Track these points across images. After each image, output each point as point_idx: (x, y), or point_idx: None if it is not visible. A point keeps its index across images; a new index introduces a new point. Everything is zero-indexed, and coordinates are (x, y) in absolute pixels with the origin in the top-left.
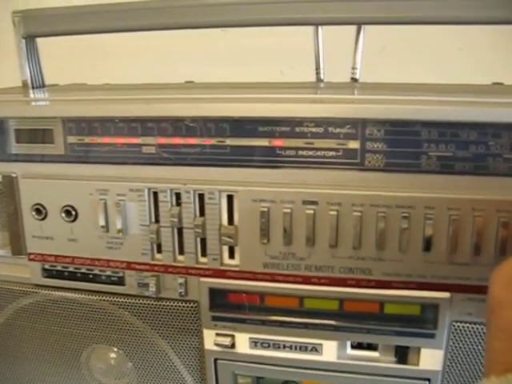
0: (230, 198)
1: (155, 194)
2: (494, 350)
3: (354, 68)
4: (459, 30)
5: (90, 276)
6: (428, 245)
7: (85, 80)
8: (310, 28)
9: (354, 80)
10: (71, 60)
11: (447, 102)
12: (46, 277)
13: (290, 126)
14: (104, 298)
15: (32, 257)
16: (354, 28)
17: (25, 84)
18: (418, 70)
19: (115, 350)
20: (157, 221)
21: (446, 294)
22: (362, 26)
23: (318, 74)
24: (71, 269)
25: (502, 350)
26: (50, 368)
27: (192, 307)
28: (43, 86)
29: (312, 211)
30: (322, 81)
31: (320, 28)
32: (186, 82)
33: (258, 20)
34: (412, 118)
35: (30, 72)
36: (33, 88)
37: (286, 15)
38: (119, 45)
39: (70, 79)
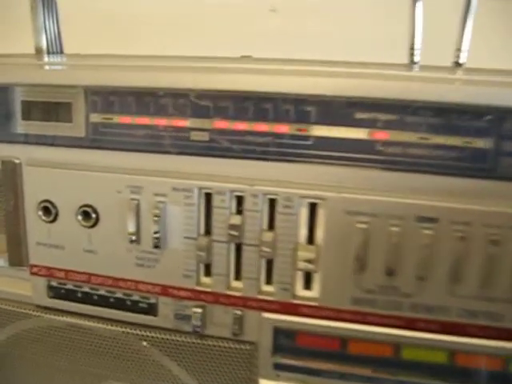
0: (312, 208)
1: (208, 197)
2: None
3: (458, 50)
4: None
5: (112, 300)
6: None
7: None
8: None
9: (458, 64)
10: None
11: None
12: (52, 297)
13: (398, 112)
14: (128, 329)
15: (35, 270)
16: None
17: (39, 50)
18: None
19: None
20: (208, 233)
21: None
22: (473, 1)
23: (412, 55)
24: (86, 289)
25: None
26: None
27: (247, 350)
28: (61, 52)
29: (430, 231)
30: (416, 63)
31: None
32: (242, 56)
33: None
34: None
35: (47, 35)
36: (48, 54)
37: None
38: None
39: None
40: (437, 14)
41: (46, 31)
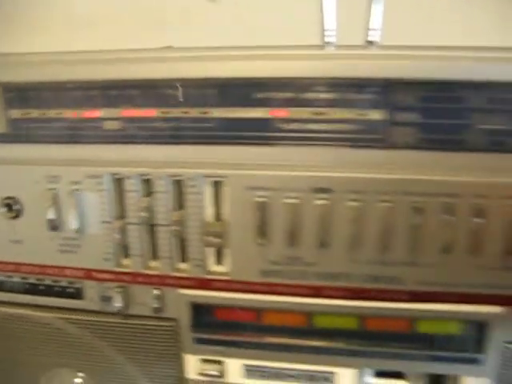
0: (217, 186)
1: (119, 182)
2: None
3: (368, 29)
4: None
5: (41, 287)
6: (477, 245)
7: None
8: None
9: (370, 43)
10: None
11: (501, 58)
12: None
13: (294, 90)
14: (59, 314)
15: None
16: None
17: None
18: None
19: (80, 374)
20: (122, 216)
21: (498, 309)
22: None
23: (324, 36)
24: (16, 279)
25: None
26: None
27: (169, 327)
28: None
29: (325, 202)
30: (331, 44)
31: None
32: (164, 47)
33: None
34: (453, 78)
35: None
36: None
37: None
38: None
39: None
40: None
41: None
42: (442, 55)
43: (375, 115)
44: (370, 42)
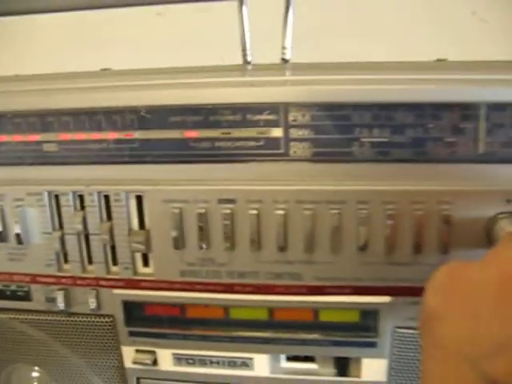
0: (139, 200)
1: (57, 198)
2: (429, 370)
3: (283, 48)
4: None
5: None
6: (363, 244)
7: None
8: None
9: (285, 61)
10: None
11: (381, 80)
12: None
13: (203, 114)
14: (11, 315)
15: None
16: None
17: None
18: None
19: (37, 369)
20: (61, 227)
21: (386, 298)
22: (291, 1)
23: (244, 55)
24: None
25: (437, 370)
26: None
27: (107, 322)
28: None
29: (229, 211)
30: (249, 63)
31: (245, 4)
32: (102, 69)
33: None
34: (340, 100)
35: None
36: None
37: None
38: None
39: None
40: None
41: None
42: (332, 79)
43: (275, 133)
44: (285, 60)
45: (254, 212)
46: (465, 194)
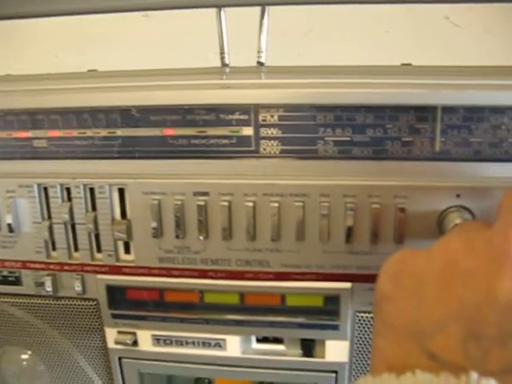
0: (121, 192)
1: (45, 190)
2: (378, 346)
3: (259, 51)
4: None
5: None
6: (325, 234)
7: None
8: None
9: (260, 64)
10: None
11: (343, 84)
12: None
13: (180, 113)
14: (3, 299)
15: None
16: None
17: None
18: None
19: (26, 351)
20: (49, 217)
21: (347, 285)
22: (266, 8)
23: (222, 58)
24: None
25: (385, 346)
26: None
27: (91, 305)
28: None
29: (203, 202)
30: (227, 65)
31: (223, 10)
32: (89, 70)
33: (158, 4)
34: (305, 102)
35: None
36: None
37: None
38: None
39: None
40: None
41: None
42: (298, 83)
43: (246, 132)
44: (260, 63)
45: (226, 204)
46: (419, 189)
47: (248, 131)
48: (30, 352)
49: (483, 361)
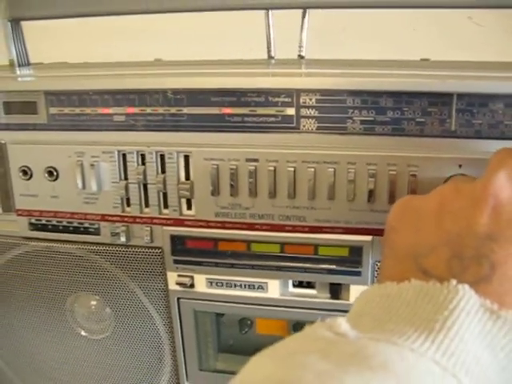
0: (186, 158)
1: (124, 156)
2: (384, 265)
3: (300, 46)
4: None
5: (70, 228)
6: (351, 195)
7: (68, 58)
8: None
9: (301, 57)
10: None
11: (368, 74)
12: (32, 230)
13: (236, 96)
14: (83, 246)
15: (20, 212)
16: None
17: (11, 62)
18: (375, 49)
19: (95, 297)
20: (126, 178)
21: (369, 238)
22: (307, 10)
23: (269, 52)
24: (54, 222)
25: (389, 265)
26: (39, 313)
27: (157, 252)
28: (28, 64)
29: (254, 167)
30: (272, 58)
31: (270, 11)
32: (155, 59)
33: (214, 5)
34: (337, 88)
35: (16, 52)
36: (19, 66)
37: (238, 1)
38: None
39: (55, 58)
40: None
41: (15, 49)
42: (332, 72)
43: (289, 111)
44: (301, 56)
45: (272, 169)
46: (428, 159)
47: (291, 111)
48: (98, 297)
49: (462, 274)
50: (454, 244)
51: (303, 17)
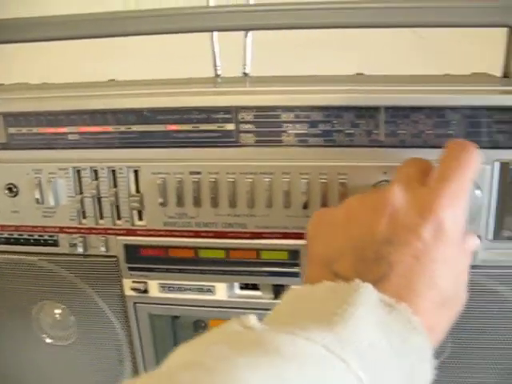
0: (136, 173)
1: (78, 172)
2: (306, 271)
3: (244, 65)
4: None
5: (31, 240)
6: (287, 202)
7: (32, 77)
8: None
9: (245, 74)
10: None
11: (302, 90)
12: None
13: (180, 114)
14: (43, 257)
15: None
16: None
17: None
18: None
19: (60, 306)
20: (81, 193)
21: (305, 242)
22: (248, 32)
23: (215, 70)
24: (15, 235)
25: (309, 270)
26: (4, 322)
27: (112, 261)
28: None
29: (197, 179)
30: (219, 76)
31: (215, 33)
32: (109, 80)
33: (162, 29)
34: (272, 105)
35: None
36: None
37: (183, 24)
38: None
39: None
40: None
41: None
42: (267, 90)
43: (229, 127)
44: (245, 74)
45: (213, 180)
46: (355, 168)
47: (231, 127)
48: (62, 306)
49: (366, 274)
50: (358, 249)
51: (245, 36)
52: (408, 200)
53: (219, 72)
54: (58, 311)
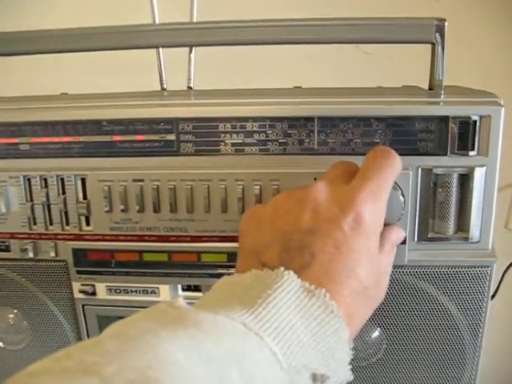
0: (83, 180)
1: (29, 180)
2: (237, 263)
3: (189, 79)
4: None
5: None
6: (224, 207)
7: None
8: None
9: (190, 88)
10: None
11: (238, 102)
12: None
13: (125, 125)
14: None
15: None
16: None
17: None
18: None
19: (13, 310)
20: (31, 200)
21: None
22: (193, 48)
23: (161, 84)
24: None
25: (240, 262)
26: None
27: (62, 265)
28: None
29: (140, 187)
30: (165, 89)
31: (161, 48)
32: (61, 93)
33: (111, 45)
34: (210, 116)
35: None
36: None
37: (132, 42)
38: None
39: None
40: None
41: None
42: (205, 102)
43: (170, 137)
44: (190, 88)
45: (155, 187)
46: (287, 174)
47: (171, 137)
48: (15, 311)
49: (289, 263)
50: (283, 239)
51: (190, 51)
52: (330, 195)
53: (165, 86)
54: (11, 316)
